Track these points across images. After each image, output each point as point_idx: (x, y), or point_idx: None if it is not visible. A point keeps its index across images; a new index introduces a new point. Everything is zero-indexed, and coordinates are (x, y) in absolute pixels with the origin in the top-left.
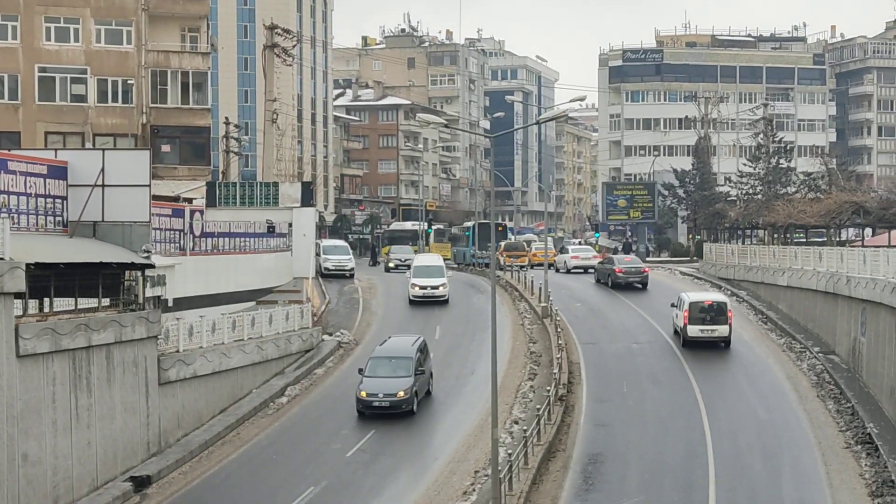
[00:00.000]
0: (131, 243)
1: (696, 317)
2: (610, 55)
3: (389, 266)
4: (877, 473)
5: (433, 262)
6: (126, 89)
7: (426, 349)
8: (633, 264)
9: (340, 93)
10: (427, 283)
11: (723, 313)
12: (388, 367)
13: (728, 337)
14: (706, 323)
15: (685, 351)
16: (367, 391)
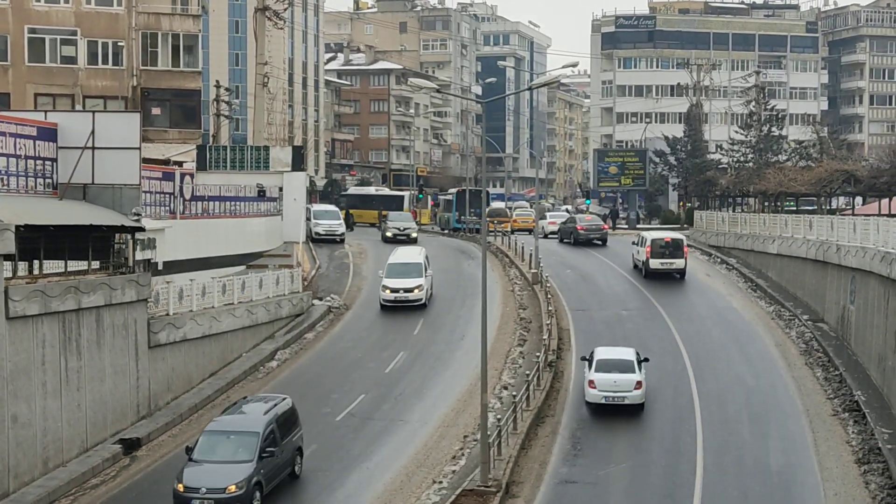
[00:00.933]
0: (121, 206)
1: (657, 252)
2: (603, 21)
3: (387, 236)
4: (863, 441)
5: (411, 259)
6: (116, 51)
7: (293, 417)
8: (594, 223)
9: (332, 57)
10: (399, 285)
11: (679, 249)
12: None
13: (683, 269)
14: (665, 257)
15: (674, 318)
16: (186, 484)
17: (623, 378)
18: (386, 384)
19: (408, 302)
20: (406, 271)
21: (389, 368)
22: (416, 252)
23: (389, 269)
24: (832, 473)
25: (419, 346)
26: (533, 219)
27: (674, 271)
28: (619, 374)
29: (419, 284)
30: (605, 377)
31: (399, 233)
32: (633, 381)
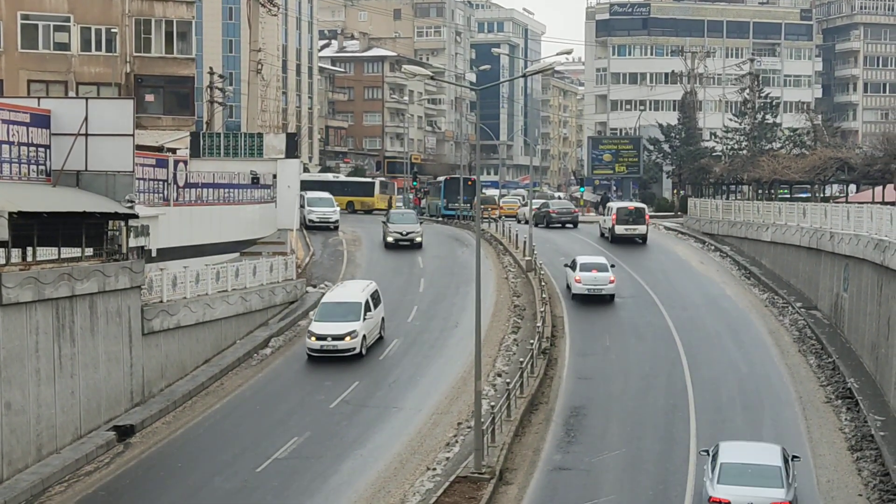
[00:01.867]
0: (115, 193)
1: (622, 219)
2: (597, 8)
3: (388, 241)
4: (856, 428)
5: (349, 298)
6: (110, 38)
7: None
8: (565, 206)
9: (325, 44)
10: (327, 332)
11: (641, 216)
12: None
13: (645, 234)
14: (629, 223)
15: (667, 305)
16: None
17: (601, 275)
18: (380, 371)
19: (337, 352)
20: (341, 312)
21: (383, 356)
22: (359, 288)
23: (321, 310)
24: (825, 460)
25: (413, 334)
26: (517, 206)
27: (636, 236)
28: (598, 272)
29: (353, 330)
30: (588, 275)
31: (402, 238)
32: (608, 278)
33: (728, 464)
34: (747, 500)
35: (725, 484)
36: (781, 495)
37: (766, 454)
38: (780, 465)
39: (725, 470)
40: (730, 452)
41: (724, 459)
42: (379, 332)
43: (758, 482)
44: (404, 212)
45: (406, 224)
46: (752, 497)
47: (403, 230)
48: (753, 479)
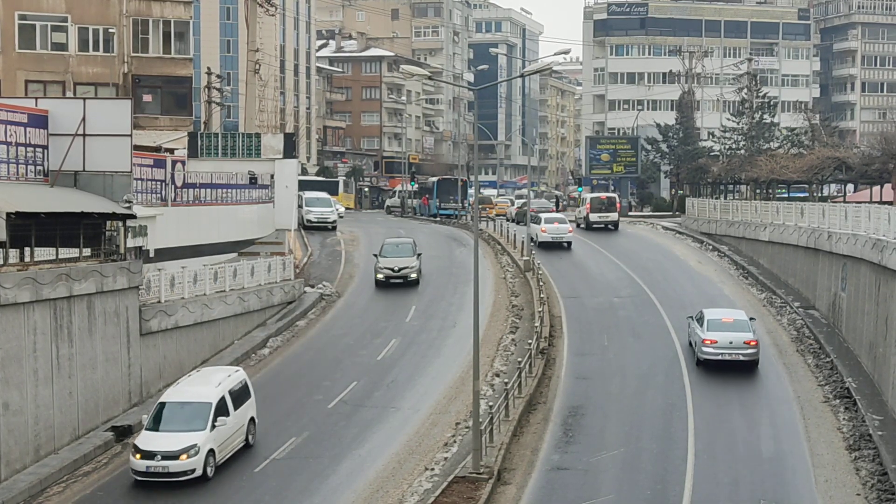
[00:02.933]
0: (113, 193)
1: (596, 208)
2: (595, 8)
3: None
4: (854, 427)
5: (194, 397)
6: (107, 38)
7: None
8: (543, 206)
9: (323, 44)
10: (155, 448)
11: (613, 205)
12: None
13: (616, 221)
14: (602, 211)
15: (665, 305)
16: None
17: (562, 226)
18: (378, 371)
19: (168, 476)
20: (183, 418)
21: (381, 356)
22: (216, 379)
23: (154, 411)
24: (823, 460)
25: (411, 334)
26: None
27: (608, 223)
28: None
29: (190, 445)
30: (551, 226)
31: (393, 275)
32: (566, 228)
33: (713, 319)
34: (728, 339)
35: (713, 331)
36: (751, 336)
37: (738, 314)
38: (748, 320)
39: (711, 323)
40: (712, 314)
41: (710, 318)
42: (245, 438)
43: (733, 329)
44: (400, 241)
45: (399, 258)
46: (732, 338)
47: (395, 265)
48: (730, 327)
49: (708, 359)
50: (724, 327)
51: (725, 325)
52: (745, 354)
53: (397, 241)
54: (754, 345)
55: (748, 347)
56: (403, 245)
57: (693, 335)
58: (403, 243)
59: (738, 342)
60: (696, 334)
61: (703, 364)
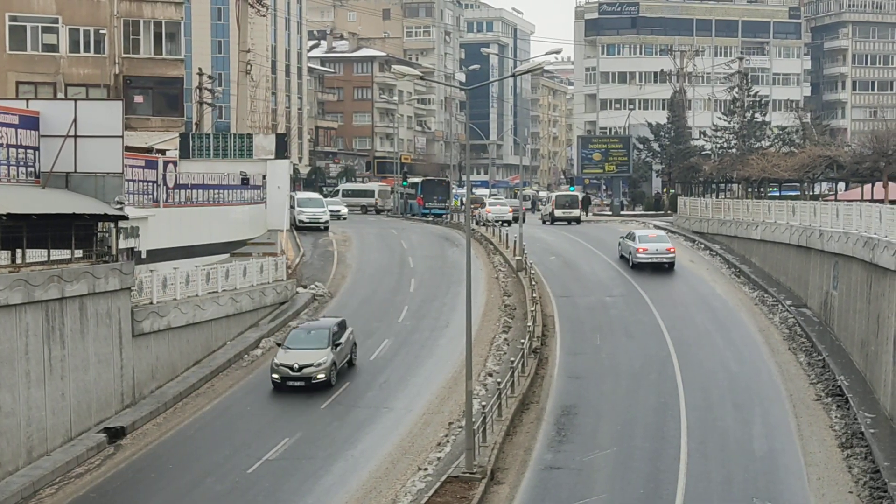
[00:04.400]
0: (104, 194)
1: (560, 204)
2: (586, 8)
3: (273, 378)
4: (846, 425)
5: None
6: (98, 39)
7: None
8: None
9: (315, 44)
10: None
11: (575, 202)
12: None
13: (578, 217)
14: (566, 208)
15: (657, 304)
16: None
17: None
18: (370, 371)
19: None
20: None
21: (374, 356)
22: None
23: None
24: (815, 458)
25: (404, 334)
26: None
27: (572, 218)
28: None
29: None
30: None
31: (291, 375)
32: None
33: (642, 235)
34: (654, 248)
35: (643, 243)
36: (670, 245)
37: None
38: (666, 235)
39: (641, 238)
40: (641, 232)
41: (639, 234)
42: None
43: (657, 241)
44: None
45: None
46: (657, 247)
47: (295, 362)
48: (655, 241)
49: (641, 261)
50: (651, 241)
51: (651, 239)
52: (666, 258)
53: (310, 327)
54: (672, 251)
55: (668, 253)
56: (317, 332)
57: (626, 249)
58: (319, 329)
59: (662, 249)
60: (630, 247)
61: (636, 266)
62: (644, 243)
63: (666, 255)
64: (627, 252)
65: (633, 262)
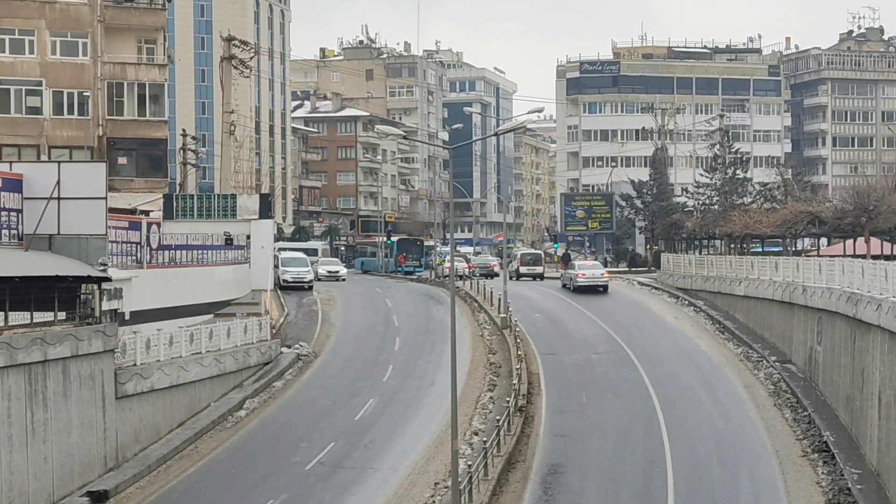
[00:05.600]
0: (88, 256)
1: (525, 261)
2: (567, 67)
3: None
4: (833, 481)
5: None
6: (82, 101)
7: None
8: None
9: (298, 104)
10: None
11: (539, 260)
12: None
13: (542, 273)
14: (530, 265)
15: (643, 361)
16: None
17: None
18: (356, 432)
19: None
20: None
21: (359, 416)
22: None
23: None
24: None
25: (389, 393)
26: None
27: (535, 275)
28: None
29: None
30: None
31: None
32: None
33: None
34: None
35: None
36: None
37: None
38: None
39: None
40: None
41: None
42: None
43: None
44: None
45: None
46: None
47: None
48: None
49: (581, 285)
50: (588, 268)
51: (589, 267)
52: (601, 282)
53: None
54: (606, 276)
55: (602, 278)
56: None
57: (567, 277)
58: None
59: (598, 275)
60: (570, 274)
61: (576, 290)
62: (583, 270)
63: (601, 279)
64: (568, 279)
65: (573, 286)
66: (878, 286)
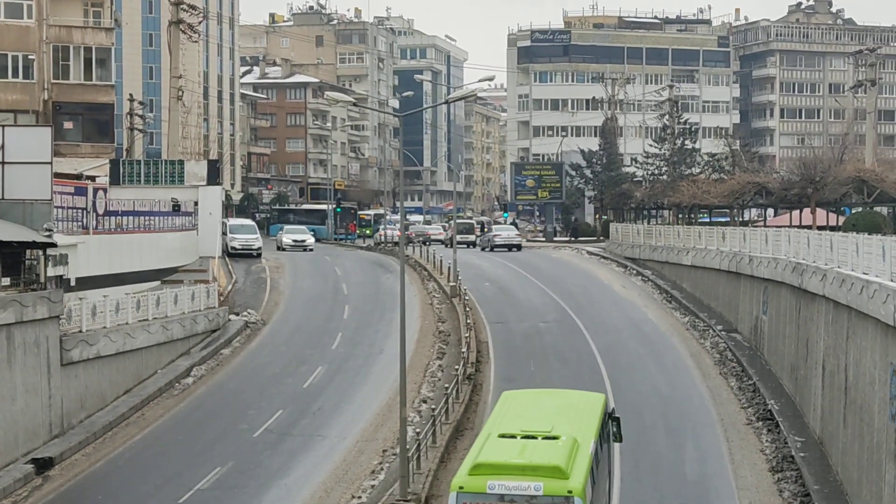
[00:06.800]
0: (32, 222)
1: (459, 230)
2: (518, 35)
3: None
4: (777, 449)
5: None
6: (27, 64)
7: None
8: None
9: (247, 70)
10: None
11: (471, 229)
12: None
13: (474, 241)
14: (463, 234)
15: (591, 330)
16: None
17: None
18: (304, 399)
19: None
20: None
21: (308, 383)
22: None
23: None
24: (747, 482)
25: (338, 361)
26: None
27: (468, 242)
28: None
29: None
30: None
31: None
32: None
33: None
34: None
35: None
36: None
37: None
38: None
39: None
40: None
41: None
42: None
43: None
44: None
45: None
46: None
47: None
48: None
49: (497, 244)
50: (504, 230)
51: (504, 229)
52: (514, 242)
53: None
54: (519, 236)
55: (516, 238)
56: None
57: (485, 239)
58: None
59: (512, 236)
60: (489, 236)
61: (494, 248)
62: (498, 232)
63: (514, 239)
64: (486, 241)
65: (491, 246)
66: (823, 257)
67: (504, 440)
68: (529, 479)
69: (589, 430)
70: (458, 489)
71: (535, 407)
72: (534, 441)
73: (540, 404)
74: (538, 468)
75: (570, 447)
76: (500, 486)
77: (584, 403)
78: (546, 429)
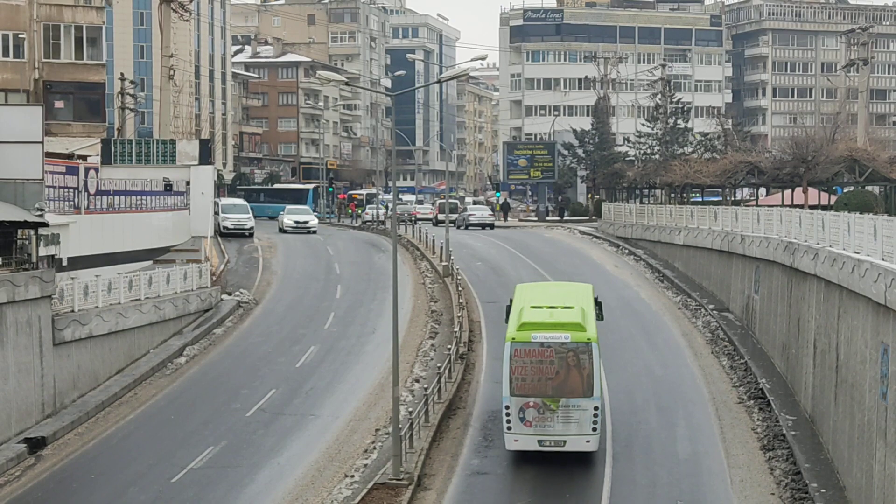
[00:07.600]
0: (24, 201)
1: (442, 210)
2: (511, 15)
3: None
4: (768, 427)
5: None
6: (17, 43)
7: None
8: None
9: (239, 49)
10: None
11: (455, 209)
12: None
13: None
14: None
15: None
16: None
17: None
18: (297, 379)
19: None
20: None
21: (300, 363)
22: None
23: None
24: (738, 460)
25: (330, 340)
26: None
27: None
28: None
29: None
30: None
31: None
32: None
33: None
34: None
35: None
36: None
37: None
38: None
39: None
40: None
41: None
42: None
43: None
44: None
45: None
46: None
47: None
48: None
49: (472, 223)
50: (478, 209)
51: (479, 209)
52: (488, 220)
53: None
54: (492, 216)
55: (490, 217)
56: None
57: (461, 219)
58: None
59: (486, 216)
60: (464, 215)
61: (469, 227)
62: (473, 212)
63: (488, 219)
64: (462, 220)
65: (466, 224)
66: (814, 236)
67: (536, 310)
68: (560, 331)
69: (588, 305)
70: (511, 340)
71: (547, 292)
72: (556, 309)
73: (549, 290)
74: (565, 324)
75: (582, 312)
76: (541, 336)
77: (580, 289)
78: (562, 303)
